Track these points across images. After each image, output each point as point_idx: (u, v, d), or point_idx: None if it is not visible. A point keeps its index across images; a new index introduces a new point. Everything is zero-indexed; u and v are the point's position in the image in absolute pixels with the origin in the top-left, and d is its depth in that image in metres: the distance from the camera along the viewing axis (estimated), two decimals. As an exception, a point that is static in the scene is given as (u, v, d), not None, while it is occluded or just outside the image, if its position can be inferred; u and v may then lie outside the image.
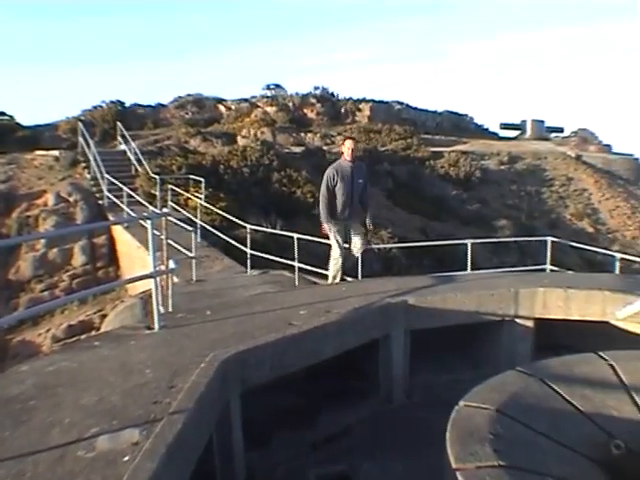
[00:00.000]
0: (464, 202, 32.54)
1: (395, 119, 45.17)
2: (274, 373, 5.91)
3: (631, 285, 8.38)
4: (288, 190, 24.45)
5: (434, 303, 7.70)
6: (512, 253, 24.60)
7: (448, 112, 54.12)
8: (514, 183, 37.53)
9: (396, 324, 7.48)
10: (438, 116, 52.34)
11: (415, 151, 36.20)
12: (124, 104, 36.92)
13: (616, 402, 5.07)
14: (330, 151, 32.97)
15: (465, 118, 55.79)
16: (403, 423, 6.97)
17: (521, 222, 31.59)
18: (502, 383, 5.11)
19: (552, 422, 4.68)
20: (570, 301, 7.96)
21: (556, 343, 7.39)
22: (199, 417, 4.32)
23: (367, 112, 44.76)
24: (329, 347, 6.54)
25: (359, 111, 44.84)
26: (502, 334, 8.08)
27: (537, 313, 8.05)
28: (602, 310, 7.75)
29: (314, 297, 7.82)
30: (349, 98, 46.26)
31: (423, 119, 49.64)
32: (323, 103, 43.66)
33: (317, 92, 45.07)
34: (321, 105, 43.34)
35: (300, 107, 42.81)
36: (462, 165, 35.65)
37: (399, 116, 46.82)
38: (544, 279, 8.99)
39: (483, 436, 4.16)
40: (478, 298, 7.92)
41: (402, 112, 48.10)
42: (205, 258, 15.11)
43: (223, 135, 33.46)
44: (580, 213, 36.52)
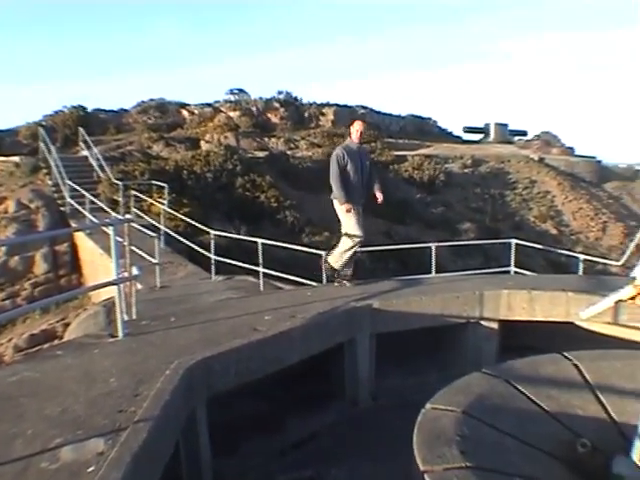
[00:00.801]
0: (428, 205, 32.68)
1: (359, 123, 45.23)
2: (240, 379, 5.92)
3: (594, 286, 8.51)
4: (252, 195, 24.41)
5: (399, 306, 7.77)
6: (476, 256, 24.76)
7: (412, 116, 54.34)
8: (478, 186, 37.77)
9: (361, 328, 7.53)
10: (402, 120, 52.52)
11: (379, 155, 36.27)
12: (86, 109, 36.54)
13: (581, 401, 5.15)
14: (294, 155, 32.98)
15: (429, 122, 56.05)
16: (370, 426, 7.01)
17: (485, 225, 31.80)
18: (468, 385, 5.17)
19: (518, 422, 4.75)
20: (534, 302, 8.07)
21: (521, 344, 7.48)
22: (165, 425, 4.33)
23: (331, 116, 44.78)
24: (295, 352, 6.56)
25: (323, 115, 44.85)
26: (467, 336, 8.17)
27: (502, 315, 8.15)
28: (566, 311, 7.87)
29: (279, 302, 7.84)
30: (313, 102, 46.28)
31: (387, 123, 49.80)
32: (287, 108, 43.63)
33: (281, 97, 45.02)
34: (285, 110, 43.30)
35: (264, 112, 42.73)
36: (426, 169, 35.80)
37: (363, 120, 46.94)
38: (508, 281, 9.10)
39: (450, 438, 4.21)
40: (443, 301, 8.00)
41: (366, 116, 48.19)
42: (169, 264, 15.04)
43: (186, 140, 33.29)
44: (544, 215, 36.86)
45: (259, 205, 24.00)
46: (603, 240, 37.30)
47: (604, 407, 5.11)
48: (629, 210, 43.74)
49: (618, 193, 47.37)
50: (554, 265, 24.96)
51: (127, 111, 40.36)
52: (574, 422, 4.89)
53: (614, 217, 40.67)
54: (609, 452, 4.50)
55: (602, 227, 38.81)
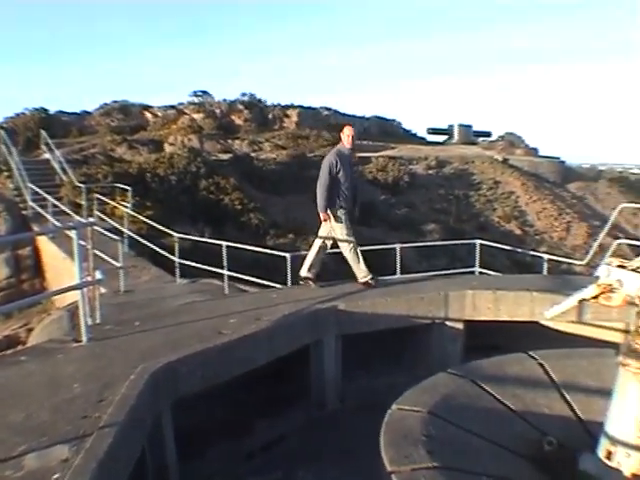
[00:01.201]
0: (393, 207, 32.78)
1: (323, 125, 45.31)
2: (206, 383, 5.88)
3: (559, 285, 8.60)
4: (216, 198, 24.31)
5: (364, 308, 7.78)
6: (441, 257, 24.86)
7: (376, 117, 54.46)
8: (442, 187, 37.97)
9: (327, 330, 7.53)
10: (366, 121, 52.62)
11: (343, 157, 36.32)
12: (48, 111, 36.16)
13: (547, 400, 5.20)
14: (258, 157, 32.90)
15: (393, 123, 56.24)
16: (337, 428, 7.01)
17: (450, 225, 31.97)
18: (434, 385, 5.18)
19: (485, 422, 4.77)
20: (499, 302, 8.13)
21: (486, 344, 7.52)
22: (130, 430, 4.29)
23: (295, 118, 44.79)
24: (260, 355, 6.54)
25: (287, 117, 44.83)
26: (433, 337, 8.20)
27: (467, 315, 8.19)
28: (531, 310, 7.93)
29: (244, 305, 7.82)
30: (277, 104, 46.23)
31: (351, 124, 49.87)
32: (251, 109, 43.54)
33: (245, 98, 44.92)
34: (249, 111, 43.21)
35: (227, 113, 42.60)
36: (390, 170, 35.92)
37: (327, 122, 46.95)
38: (473, 281, 9.15)
39: (416, 438, 4.22)
40: (408, 302, 8.03)
41: (330, 118, 48.25)
42: (133, 268, 14.91)
43: (150, 142, 33.08)
44: (508, 216, 37.15)
45: (223, 208, 23.91)
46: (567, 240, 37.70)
47: (570, 405, 5.15)
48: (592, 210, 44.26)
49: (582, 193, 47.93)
50: (519, 265, 25.14)
51: (90, 113, 40.04)
52: (540, 420, 4.93)
53: (578, 217, 41.12)
54: (575, 449, 4.54)
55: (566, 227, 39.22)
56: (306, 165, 32.79)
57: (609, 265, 4.26)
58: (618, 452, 4.16)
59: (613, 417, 4.28)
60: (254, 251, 12.29)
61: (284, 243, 21.61)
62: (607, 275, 4.22)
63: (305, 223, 26.40)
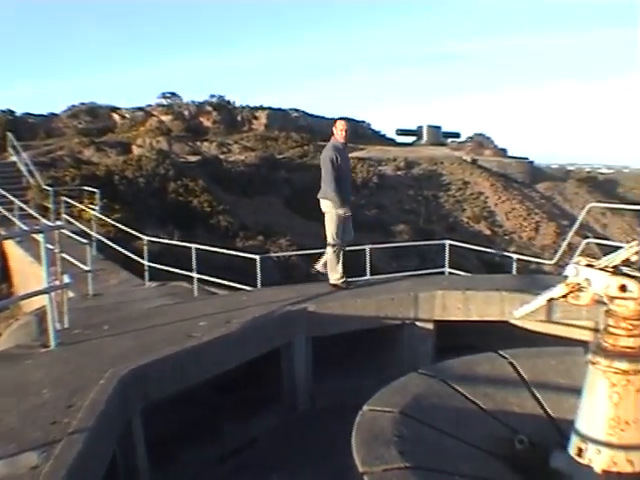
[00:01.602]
0: (362, 208, 32.84)
1: (292, 126, 45.37)
2: (176, 386, 5.85)
3: (528, 284, 8.66)
4: (185, 200, 24.25)
5: (334, 309, 7.78)
6: (411, 257, 24.99)
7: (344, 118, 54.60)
8: (411, 188, 38.16)
9: (297, 332, 7.52)
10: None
11: (312, 158, 36.38)
12: (14, 113, 35.86)
13: (517, 399, 5.22)
14: (227, 159, 32.84)
15: (362, 124, 56.38)
16: (309, 430, 7.00)
17: (419, 226, 32.15)
18: (405, 386, 5.18)
19: (456, 421, 4.79)
20: (469, 302, 8.17)
21: (457, 344, 7.54)
22: (100, 436, 4.24)
23: (264, 120, 44.79)
24: (231, 357, 6.52)
25: (256, 119, 44.83)
26: (403, 337, 8.21)
27: (437, 315, 8.22)
28: (500, 310, 7.98)
29: (214, 308, 7.78)
30: (246, 106, 46.19)
31: (320, 126, 49.93)
32: (219, 111, 43.46)
33: (213, 100, 44.82)
34: (217, 113, 43.13)
35: (196, 115, 42.50)
36: (359, 171, 36.01)
37: (296, 123, 47.01)
38: (443, 282, 9.19)
39: (388, 439, 4.22)
40: (378, 303, 8.04)
41: (299, 119, 48.30)
42: (101, 271, 14.79)
43: (118, 145, 32.93)
44: (477, 216, 37.43)
45: (192, 210, 23.85)
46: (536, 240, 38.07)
47: (540, 404, 5.18)
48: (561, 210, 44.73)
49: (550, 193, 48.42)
50: (488, 265, 25.34)
51: (57, 115, 39.74)
52: (511, 419, 4.96)
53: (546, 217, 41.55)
54: (546, 447, 4.57)
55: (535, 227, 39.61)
56: (275, 167, 32.85)
57: (577, 264, 4.28)
58: (589, 449, 4.19)
59: (583, 415, 4.31)
60: (224, 253, 12.26)
61: (253, 245, 21.60)
62: (575, 274, 4.25)
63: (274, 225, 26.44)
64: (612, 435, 4.12)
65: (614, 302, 4.12)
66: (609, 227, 44.58)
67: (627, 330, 4.09)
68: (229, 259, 12.83)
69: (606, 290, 4.11)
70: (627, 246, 4.33)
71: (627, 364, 4.05)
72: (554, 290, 4.43)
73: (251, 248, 19.31)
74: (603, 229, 43.59)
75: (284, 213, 29.31)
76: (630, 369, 4.05)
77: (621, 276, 4.11)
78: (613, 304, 4.14)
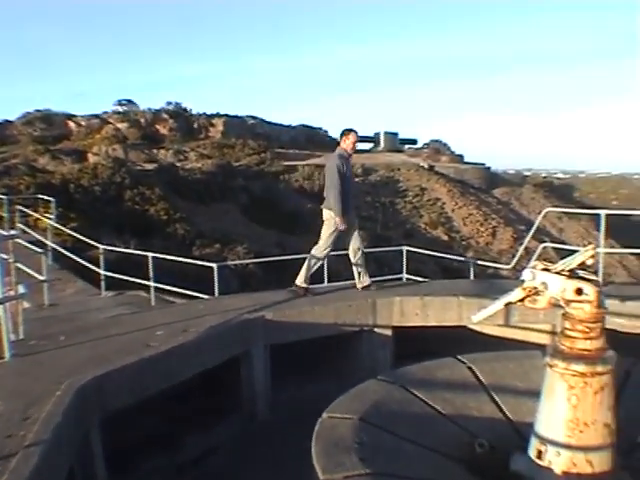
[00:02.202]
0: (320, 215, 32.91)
1: (249, 134, 45.37)
2: (134, 397, 5.78)
3: (485, 289, 8.75)
4: (141, 208, 24.10)
5: (292, 317, 7.76)
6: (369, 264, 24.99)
7: (302, 126, 54.76)
8: (369, 195, 38.37)
9: (255, 340, 7.48)
10: (292, 130, 52.87)
11: (269, 165, 36.43)
12: (-35, 121, 35.37)
13: (476, 403, 5.25)
14: (184, 167, 32.69)
15: (319, 132, 56.58)
16: (269, 439, 6.96)
17: (377, 233, 32.32)
18: (364, 392, 5.18)
19: (416, 427, 4.79)
20: (427, 308, 8.21)
21: (415, 350, 7.56)
22: (57, 448, 4.17)
23: (220, 127, 44.75)
24: (189, 367, 6.46)
25: (212, 126, 44.74)
26: (362, 344, 8.22)
27: (395, 321, 8.24)
28: (458, 315, 8.03)
29: (171, 317, 7.71)
30: (202, 113, 46.06)
31: (277, 133, 50.05)
32: (176, 119, 43.28)
33: (170, 107, 44.62)
34: (174, 121, 42.95)
35: (152, 123, 42.26)
36: (317, 178, 36.11)
37: (253, 131, 47.05)
38: (401, 288, 9.23)
39: (348, 446, 4.20)
40: (336, 310, 8.04)
41: (256, 127, 48.30)
42: (57, 281, 14.59)
43: (73, 152, 32.65)
44: (434, 222, 37.73)
45: (149, 218, 23.71)
46: (493, 244, 38.49)
47: (499, 407, 5.21)
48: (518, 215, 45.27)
49: (507, 199, 49.03)
50: (446, 271, 25.51)
51: (11, 122, 39.24)
52: (471, 423, 4.97)
53: (503, 222, 42.04)
54: (506, 450, 4.59)
55: (492, 232, 40.05)
56: (232, 174, 32.77)
57: (534, 268, 4.32)
58: (548, 451, 4.22)
59: (542, 417, 4.34)
60: (181, 262, 12.18)
61: (211, 253, 21.54)
62: (532, 278, 4.29)
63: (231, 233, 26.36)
64: (571, 437, 4.16)
65: (571, 305, 4.17)
66: (566, 231, 45.28)
67: (584, 333, 4.14)
68: (186, 267, 12.77)
69: (562, 293, 4.15)
70: (583, 250, 4.38)
71: (584, 366, 4.10)
72: (511, 294, 4.46)
73: (208, 256, 19.26)
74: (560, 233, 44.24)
75: (241, 221, 29.27)
76: (587, 371, 4.10)
77: (577, 279, 4.16)
78: (570, 307, 4.18)
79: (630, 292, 8.55)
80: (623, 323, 7.50)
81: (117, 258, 15.73)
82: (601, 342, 4.20)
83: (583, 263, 4.31)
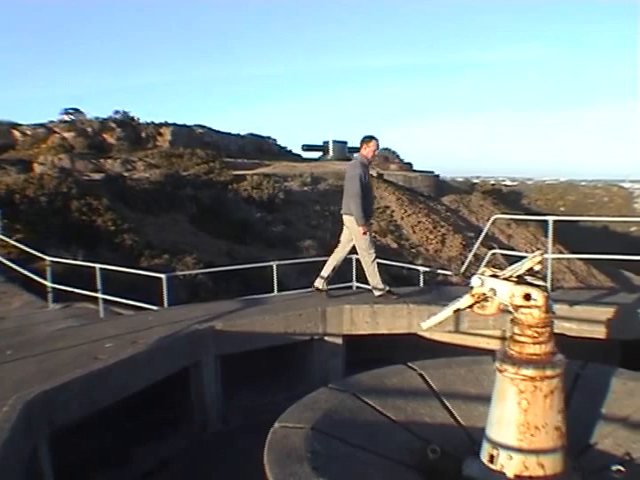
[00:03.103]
0: (269, 224, 32.92)
1: (197, 143, 45.14)
2: (84, 411, 5.69)
3: (435, 296, 8.82)
4: (89, 219, 23.81)
5: (242, 327, 7.73)
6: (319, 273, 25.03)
7: (251, 135, 54.71)
8: (318, 203, 38.39)
9: (206, 351, 7.43)
10: (241, 139, 52.75)
11: (218, 175, 36.27)
12: None
13: (428, 409, 5.28)
14: (132, 177, 32.42)
15: (268, 140, 56.55)
16: (221, 451, 6.92)
17: (326, 241, 32.28)
18: (315, 401, 5.17)
19: (368, 435, 4.80)
20: (377, 316, 8.24)
21: (366, 358, 7.59)
22: (5, 465, 4.08)
23: (168, 136, 44.44)
24: (139, 379, 6.39)
25: (160, 135, 44.43)
26: (313, 353, 8.22)
27: (345, 330, 8.26)
28: (408, 322, 8.09)
29: (120, 328, 7.63)
30: (150, 122, 45.73)
31: (226, 142, 49.89)
32: (123, 128, 42.90)
33: (117, 116, 44.22)
34: (121, 130, 42.56)
35: (99, 132, 41.83)
36: (265, 187, 36.08)
37: (201, 140, 46.80)
38: (351, 296, 9.24)
39: (301, 455, 4.19)
40: (286, 319, 8.02)
41: (204, 136, 48.09)
42: (3, 295, 14.40)
43: (18, 162, 32.12)
44: (384, 230, 37.87)
45: (96, 229, 23.45)
46: (443, 252, 38.80)
47: (451, 413, 5.25)
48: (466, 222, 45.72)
49: (455, 206, 49.50)
50: (396, 278, 25.56)
51: (-47, 131, 38.56)
52: (423, 430, 5.00)
53: (452, 229, 42.42)
54: (459, 456, 4.63)
55: (441, 239, 40.37)
56: (180, 184, 32.58)
57: (482, 275, 4.37)
58: (500, 455, 4.26)
59: (493, 422, 4.39)
60: (129, 273, 12.06)
61: (159, 264, 21.35)
62: (480, 285, 4.34)
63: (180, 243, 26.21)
64: (522, 440, 4.21)
65: (519, 311, 4.22)
66: (514, 238, 45.86)
67: (532, 338, 4.20)
68: (135, 278, 12.62)
69: (511, 299, 4.21)
70: (531, 256, 4.45)
71: (534, 371, 4.16)
72: (460, 301, 4.50)
73: (157, 267, 19.11)
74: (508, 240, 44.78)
75: (190, 231, 29.09)
76: (537, 375, 4.16)
77: (525, 285, 4.22)
78: (518, 313, 4.24)
79: (578, 296, 8.70)
80: (571, 327, 7.64)
81: (64, 270, 15.51)
82: (550, 346, 4.26)
83: (531, 269, 4.38)
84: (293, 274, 23.56)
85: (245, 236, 29.81)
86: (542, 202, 72.42)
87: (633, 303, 8.25)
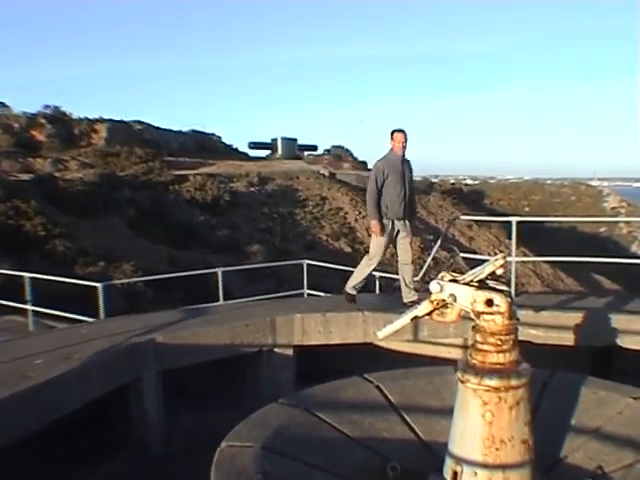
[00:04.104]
0: (213, 228, 32.76)
1: (135, 140, 44.72)
2: (11, 435, 5.58)
3: (391, 303, 8.86)
4: (16, 223, 23.46)
5: (186, 339, 7.67)
6: (268, 279, 25.01)
7: (193, 131, 54.38)
8: (266, 205, 38.32)
9: (146, 366, 7.36)
10: (182, 136, 52.44)
11: (158, 175, 36.02)
12: None
13: (386, 424, 5.28)
14: (64, 177, 32.03)
15: (212, 137, 56.31)
16: (165, 473, 6.86)
17: (275, 246, 32.29)
18: (265, 418, 5.14)
19: (323, 452, 4.78)
20: (330, 325, 8.25)
21: (320, 370, 7.58)
22: None
23: (104, 133, 43.97)
24: (73, 398, 6.30)
25: (95, 132, 43.94)
26: (262, 366, 8.20)
27: (296, 340, 8.26)
28: (364, 331, 8.11)
29: (52, 343, 7.51)
30: (84, 118, 45.21)
31: (167, 139, 49.51)
32: (54, 124, 42.31)
33: (47, 111, 43.61)
34: (52, 126, 41.98)
35: (28, 128, 41.22)
36: (209, 188, 35.92)
37: (140, 137, 46.40)
38: (302, 304, 9.24)
39: (251, 476, 4.17)
40: (232, 330, 7.99)
41: (143, 133, 47.71)
42: None
43: (-64, 163, 31.56)
44: (337, 233, 37.90)
45: (25, 234, 23.11)
46: (399, 256, 38.89)
47: (411, 427, 5.26)
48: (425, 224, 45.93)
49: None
50: (351, 285, 25.64)
51: None
52: (382, 446, 5.00)
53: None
54: (420, 473, 4.63)
55: (395, 243, 40.44)
56: (117, 185, 32.30)
57: (441, 280, 4.38)
58: (464, 471, 4.27)
59: (456, 436, 4.40)
60: (61, 282, 11.92)
61: (95, 272, 21.14)
62: (439, 290, 4.35)
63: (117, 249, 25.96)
64: (488, 455, 4.23)
65: (481, 317, 4.24)
66: (476, 240, 46.16)
67: (496, 346, 4.22)
68: (68, 288, 12.47)
69: (472, 305, 4.23)
70: (493, 259, 4.47)
71: (497, 381, 4.17)
72: (418, 308, 4.51)
73: (92, 275, 18.92)
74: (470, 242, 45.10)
75: (128, 236, 28.83)
76: (501, 386, 4.18)
77: (487, 290, 4.24)
78: (480, 319, 4.26)
79: (544, 301, 8.80)
80: (537, 334, 7.71)
81: (-11, 280, 15.29)
82: (514, 355, 4.29)
83: (493, 273, 4.39)
84: (240, 281, 23.51)
85: (188, 241, 29.64)
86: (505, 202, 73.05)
87: (603, 308, 8.35)
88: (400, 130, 8.89)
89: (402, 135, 8.83)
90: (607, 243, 61.96)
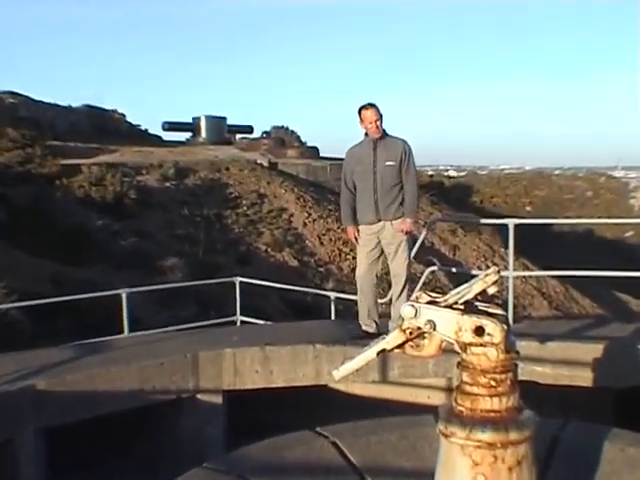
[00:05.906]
0: (116, 235, 32.55)
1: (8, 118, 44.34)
2: None
3: (351, 332, 8.82)
4: None
5: (78, 385, 7.61)
6: (189, 303, 24.90)
7: (87, 107, 53.91)
8: (186, 205, 38.15)
9: (21, 423, 7.28)
10: (72, 113, 52.03)
11: (39, 165, 35.74)
12: None
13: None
14: None
15: (113, 115, 55.95)
16: None
17: (199, 259, 32.18)
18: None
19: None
20: (271, 363, 8.23)
21: (258, 422, 7.56)
22: None
23: (-36, 110, 43.60)
24: None
25: (-49, 109, 43.54)
26: (182, 418, 8.18)
27: (227, 384, 8.24)
28: (315, 370, 8.10)
29: None
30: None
31: (51, 117, 49.09)
32: None
33: None
34: None
35: None
36: (110, 183, 35.72)
37: (14, 114, 46.00)
38: (234, 335, 9.24)
39: None
40: (142, 371, 7.95)
41: (18, 108, 47.30)
42: None
43: None
44: (279, 241, 37.84)
45: None
46: (362, 271, 38.88)
47: (375, 494, 5.25)
48: (393, 229, 45.99)
49: (378, 207, 49.76)
50: (297, 308, 25.60)
51: None
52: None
53: (377, 240, 42.56)
54: None
55: (358, 254, 40.41)
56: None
57: (416, 301, 4.33)
58: None
59: (439, 508, 4.39)
60: None
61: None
62: (414, 315, 4.28)
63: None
64: (481, 532, 4.21)
65: (469, 351, 4.21)
66: (461, 250, 46.39)
67: (489, 388, 4.18)
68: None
69: (457, 335, 4.20)
70: (483, 274, 4.43)
71: (492, 434, 4.10)
72: (386, 339, 4.48)
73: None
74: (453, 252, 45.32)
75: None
76: (497, 441, 4.09)
77: (476, 315, 4.21)
78: (468, 353, 4.22)
79: (552, 329, 8.88)
80: (544, 372, 7.75)
81: None
82: (514, 400, 4.26)
83: (485, 292, 4.37)
84: (152, 306, 23.39)
85: (80, 253, 29.41)
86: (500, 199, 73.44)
87: (629, 337, 8.41)
88: (369, 105, 8.68)
89: (373, 112, 8.61)
90: (635, 252, 62.19)
